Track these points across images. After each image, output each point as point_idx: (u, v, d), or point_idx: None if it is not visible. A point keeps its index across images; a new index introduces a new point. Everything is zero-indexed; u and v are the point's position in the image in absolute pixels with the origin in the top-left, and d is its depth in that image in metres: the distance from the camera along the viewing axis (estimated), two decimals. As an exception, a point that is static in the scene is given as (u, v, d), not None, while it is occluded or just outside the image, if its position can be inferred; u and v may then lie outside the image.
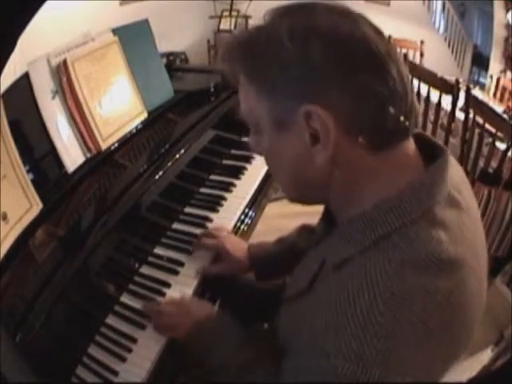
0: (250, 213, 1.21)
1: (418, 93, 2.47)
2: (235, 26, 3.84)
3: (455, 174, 0.60)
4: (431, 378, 0.53)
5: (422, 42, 3.52)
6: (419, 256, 0.50)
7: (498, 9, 3.96)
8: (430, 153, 0.59)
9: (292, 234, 0.99)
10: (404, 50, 3.13)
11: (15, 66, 0.93)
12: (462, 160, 2.12)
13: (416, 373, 0.50)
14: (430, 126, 2.42)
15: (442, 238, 0.52)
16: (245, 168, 1.33)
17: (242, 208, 1.19)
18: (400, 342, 0.48)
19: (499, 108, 2.73)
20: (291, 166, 0.60)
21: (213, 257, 1.03)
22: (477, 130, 2.10)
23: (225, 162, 1.38)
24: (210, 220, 1.14)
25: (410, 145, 0.58)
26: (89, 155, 1.02)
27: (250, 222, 1.19)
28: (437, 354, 0.51)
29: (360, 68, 0.52)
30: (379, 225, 0.53)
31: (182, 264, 1.01)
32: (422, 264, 0.50)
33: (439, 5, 4.77)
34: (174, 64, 1.58)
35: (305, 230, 0.96)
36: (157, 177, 1.05)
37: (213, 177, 1.31)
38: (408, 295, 0.49)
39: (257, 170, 1.33)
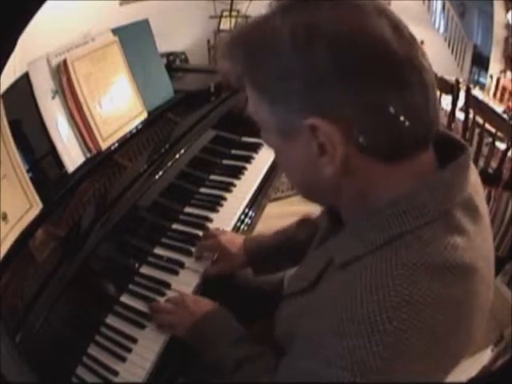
0: (250, 213, 1.21)
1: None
2: (235, 26, 3.84)
3: (473, 175, 0.58)
4: None
5: (422, 42, 3.51)
6: (433, 260, 0.47)
7: (498, 9, 3.96)
8: (450, 151, 0.55)
9: (291, 227, 0.98)
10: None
11: (15, 66, 0.93)
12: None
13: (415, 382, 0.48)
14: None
15: (458, 243, 0.49)
16: (245, 168, 1.33)
17: (242, 208, 1.19)
18: (406, 351, 0.45)
19: (499, 108, 2.72)
20: (299, 170, 0.56)
21: (213, 256, 1.03)
22: (477, 130, 2.11)
23: (225, 161, 1.38)
24: (210, 220, 1.14)
25: (429, 153, 0.53)
26: (89, 155, 1.02)
27: (249, 221, 1.19)
28: (440, 363, 0.49)
29: (373, 80, 0.46)
30: (394, 224, 0.50)
31: (182, 264, 1.01)
32: (435, 269, 0.47)
33: (439, 5, 4.78)
34: (174, 64, 1.58)
35: (305, 223, 0.95)
36: (157, 177, 1.04)
37: (213, 177, 1.31)
38: (419, 302, 0.45)
39: (257, 170, 1.33)
